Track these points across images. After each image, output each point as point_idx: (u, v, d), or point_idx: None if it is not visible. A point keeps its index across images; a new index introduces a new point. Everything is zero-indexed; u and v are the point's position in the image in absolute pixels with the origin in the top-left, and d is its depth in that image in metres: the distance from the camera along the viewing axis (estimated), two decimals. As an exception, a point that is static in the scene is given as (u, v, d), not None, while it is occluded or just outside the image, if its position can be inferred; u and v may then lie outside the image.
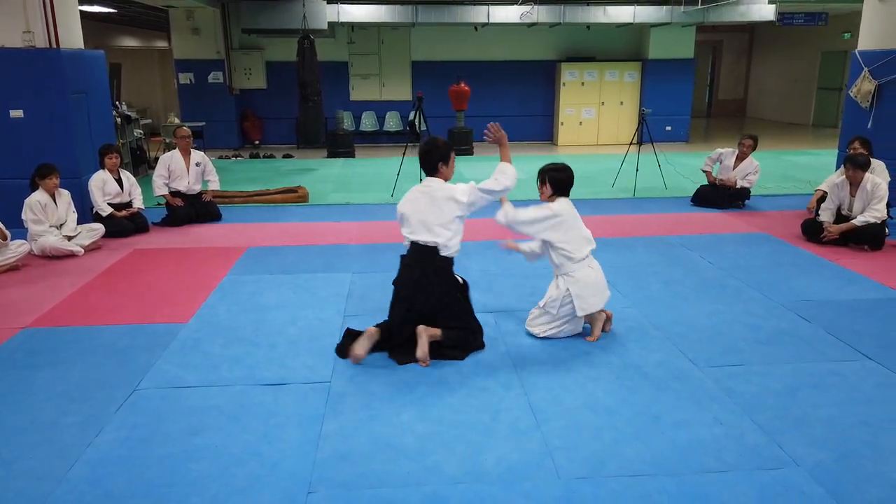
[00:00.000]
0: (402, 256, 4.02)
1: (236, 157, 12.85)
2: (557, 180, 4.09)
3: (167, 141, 11.07)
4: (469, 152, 12.99)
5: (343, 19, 12.49)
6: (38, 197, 5.93)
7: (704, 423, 3.16)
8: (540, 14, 12.62)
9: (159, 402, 3.36)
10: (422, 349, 3.78)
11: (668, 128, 14.54)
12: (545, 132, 15.11)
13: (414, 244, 3.90)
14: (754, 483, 2.72)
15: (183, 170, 7.26)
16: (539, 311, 4.21)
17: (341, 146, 12.79)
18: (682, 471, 2.80)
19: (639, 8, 12.84)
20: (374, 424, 3.17)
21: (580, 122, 14.62)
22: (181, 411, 3.27)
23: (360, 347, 3.80)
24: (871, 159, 6.62)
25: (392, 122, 14.64)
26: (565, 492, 2.67)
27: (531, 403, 3.36)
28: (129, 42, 18.03)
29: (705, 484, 2.72)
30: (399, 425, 3.16)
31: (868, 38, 7.92)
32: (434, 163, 3.93)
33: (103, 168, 6.69)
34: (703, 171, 8.22)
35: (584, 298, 4.02)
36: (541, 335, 4.15)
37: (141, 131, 10.94)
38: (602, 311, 4.18)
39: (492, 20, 12.73)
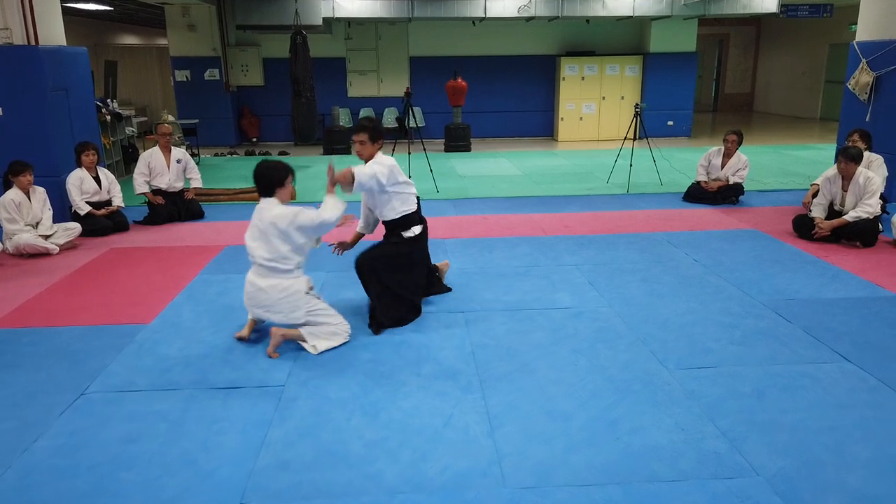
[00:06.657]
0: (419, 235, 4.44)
1: (231, 154, 12.80)
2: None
3: (159, 139, 11.00)
4: (467, 148, 12.84)
5: (339, 15, 12.39)
6: (12, 195, 5.87)
7: (663, 429, 3.03)
8: (538, 7, 12.44)
9: (103, 407, 3.27)
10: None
11: (670, 122, 14.34)
12: (545, 127, 14.95)
13: None
14: (707, 492, 2.59)
15: (163, 167, 7.17)
16: None
17: (338, 143, 12.70)
18: (633, 479, 2.67)
19: (638, 0, 12.62)
20: (321, 431, 3.06)
21: (580, 118, 14.42)
22: (122, 417, 3.17)
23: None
24: (869, 153, 6.43)
25: (390, 119, 14.49)
26: (508, 502, 2.55)
27: (488, 408, 3.24)
28: (129, 40, 18.04)
29: (655, 494, 2.58)
30: (347, 431, 3.05)
31: (866, 29, 7.71)
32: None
33: (80, 166, 6.61)
34: (701, 183, 7.82)
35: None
36: None
37: (134, 129, 10.89)
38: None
39: (489, 14, 12.56)
